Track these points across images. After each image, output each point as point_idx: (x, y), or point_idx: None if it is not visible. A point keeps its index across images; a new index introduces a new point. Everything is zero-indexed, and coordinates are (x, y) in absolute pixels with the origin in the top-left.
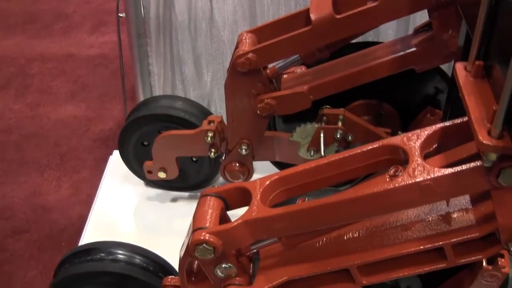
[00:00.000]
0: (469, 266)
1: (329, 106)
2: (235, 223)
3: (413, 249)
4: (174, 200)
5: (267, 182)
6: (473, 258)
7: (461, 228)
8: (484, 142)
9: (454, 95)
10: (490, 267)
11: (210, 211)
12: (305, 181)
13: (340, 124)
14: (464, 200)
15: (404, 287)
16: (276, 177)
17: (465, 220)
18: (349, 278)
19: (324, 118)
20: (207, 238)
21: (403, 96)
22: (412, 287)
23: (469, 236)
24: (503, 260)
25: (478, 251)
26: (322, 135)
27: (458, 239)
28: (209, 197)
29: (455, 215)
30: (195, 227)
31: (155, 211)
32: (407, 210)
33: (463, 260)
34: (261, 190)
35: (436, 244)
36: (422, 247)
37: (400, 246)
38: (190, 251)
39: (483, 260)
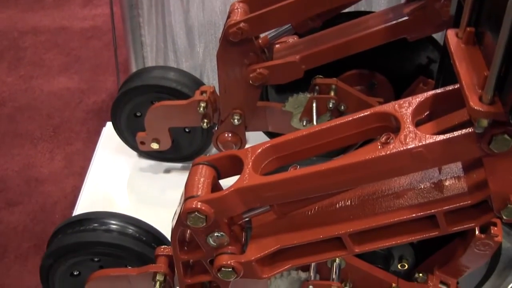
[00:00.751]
0: (462, 235)
1: (321, 76)
2: (227, 191)
3: (405, 217)
4: (167, 171)
5: (259, 150)
6: (465, 226)
7: (453, 195)
8: (475, 108)
9: (446, 64)
10: (482, 236)
11: (201, 179)
12: (297, 149)
13: (332, 94)
14: (456, 167)
15: (397, 256)
16: (268, 145)
17: (457, 187)
18: (342, 246)
19: (317, 88)
20: (199, 206)
21: (395, 65)
22: (405, 256)
23: (461, 203)
24: (495, 228)
25: (471, 219)
26: (314, 105)
27: (450, 206)
28: (200, 166)
29: (447, 183)
30: (187, 196)
31: (148, 182)
32: (399, 178)
33: (455, 228)
34: (252, 158)
35: (428, 212)
36: (414, 215)
37: (392, 214)
38: (182, 219)
39: (476, 228)
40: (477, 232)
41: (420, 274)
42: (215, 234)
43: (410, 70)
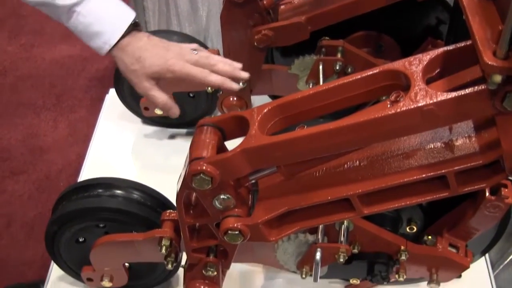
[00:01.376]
0: (472, 197)
1: (328, 38)
2: (233, 152)
3: (415, 177)
4: (172, 137)
5: (265, 110)
6: (476, 187)
7: (465, 155)
8: (489, 62)
9: (456, 25)
10: (493, 198)
11: (207, 141)
12: (303, 108)
13: (339, 55)
14: (467, 127)
15: (406, 219)
16: (274, 104)
17: (468, 147)
18: (350, 208)
19: (323, 49)
20: (204, 168)
21: (403, 27)
22: (414, 219)
23: (472, 163)
24: (506, 190)
25: (482, 179)
26: (321, 67)
27: (461, 166)
28: (205, 127)
29: (458, 143)
30: (192, 158)
31: (153, 148)
32: (408, 138)
33: (466, 189)
34: (258, 118)
35: (439, 172)
36: (424, 175)
37: (402, 175)
38: (187, 182)
39: (486, 190)
40: (487, 194)
41: (429, 237)
42: (221, 197)
43: (418, 31)
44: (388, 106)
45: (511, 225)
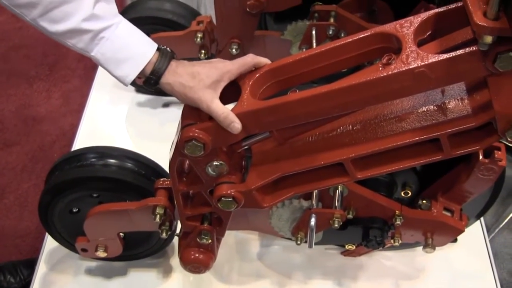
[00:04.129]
0: (465, 160)
1: (321, 3)
2: None
3: (408, 140)
4: (166, 105)
5: (257, 75)
6: (469, 149)
7: (457, 118)
8: (479, 23)
9: None
10: (486, 160)
11: None
12: (296, 72)
13: (332, 20)
14: (459, 90)
15: (401, 183)
16: (266, 69)
17: (461, 110)
18: (344, 172)
19: (316, 15)
20: (196, 134)
21: None
22: (409, 183)
23: (465, 126)
24: (499, 153)
25: (475, 142)
26: (314, 32)
27: (454, 129)
28: None
29: (450, 105)
30: (184, 124)
31: (147, 117)
32: (401, 101)
33: (459, 152)
34: (251, 83)
35: (432, 134)
36: (417, 138)
37: (395, 138)
38: (180, 148)
39: (480, 153)
40: (481, 157)
41: (424, 201)
42: (214, 163)
43: None
44: (380, 68)
45: (505, 189)
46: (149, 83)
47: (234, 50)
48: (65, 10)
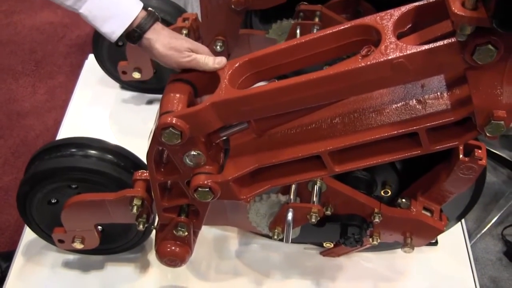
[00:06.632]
0: (446, 159)
1: (306, 3)
2: (202, 106)
3: (387, 134)
4: (149, 102)
5: (236, 65)
6: (448, 145)
7: (436, 112)
8: (458, 12)
9: None
10: (466, 159)
11: (177, 95)
12: (275, 63)
13: (317, 20)
14: (439, 84)
15: (380, 181)
16: (245, 59)
17: (440, 104)
18: (322, 166)
19: (301, 14)
20: (173, 121)
21: None
22: (388, 181)
23: (444, 120)
24: (479, 151)
25: (454, 137)
26: (298, 31)
27: (433, 123)
28: (177, 82)
29: (430, 100)
30: (162, 112)
31: (131, 113)
32: (380, 95)
33: (438, 147)
34: (230, 72)
35: (410, 128)
36: (396, 131)
37: (374, 131)
38: (157, 136)
39: (460, 152)
40: (461, 156)
41: (403, 200)
42: (192, 153)
43: None
44: (359, 59)
45: (489, 196)
46: (132, 36)
47: (218, 47)
48: None
